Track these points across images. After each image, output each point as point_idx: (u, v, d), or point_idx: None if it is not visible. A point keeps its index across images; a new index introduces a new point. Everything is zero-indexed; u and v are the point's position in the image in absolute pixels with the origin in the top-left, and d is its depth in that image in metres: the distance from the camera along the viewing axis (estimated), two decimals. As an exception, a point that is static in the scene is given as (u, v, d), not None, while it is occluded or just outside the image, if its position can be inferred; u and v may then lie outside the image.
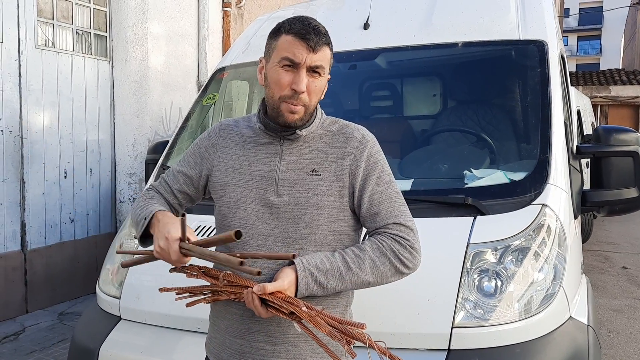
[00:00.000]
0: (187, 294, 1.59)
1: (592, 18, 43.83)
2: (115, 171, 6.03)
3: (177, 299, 1.61)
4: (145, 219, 1.55)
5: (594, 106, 16.34)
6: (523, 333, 1.96)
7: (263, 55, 1.58)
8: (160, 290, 1.63)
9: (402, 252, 1.47)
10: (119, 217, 6.02)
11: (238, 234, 1.31)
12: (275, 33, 1.52)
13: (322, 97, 1.58)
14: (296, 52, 1.45)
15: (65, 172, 5.46)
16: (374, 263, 1.45)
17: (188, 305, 1.60)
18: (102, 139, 5.89)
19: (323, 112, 1.63)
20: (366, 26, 3.20)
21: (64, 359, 4.07)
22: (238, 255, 1.39)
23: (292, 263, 1.44)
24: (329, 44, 1.51)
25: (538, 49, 2.78)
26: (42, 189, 5.22)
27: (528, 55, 2.81)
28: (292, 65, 1.46)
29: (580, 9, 44.19)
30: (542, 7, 3.00)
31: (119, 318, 2.46)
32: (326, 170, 1.52)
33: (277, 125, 1.53)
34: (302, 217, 1.49)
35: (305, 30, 1.45)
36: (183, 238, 1.44)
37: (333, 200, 1.51)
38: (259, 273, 1.32)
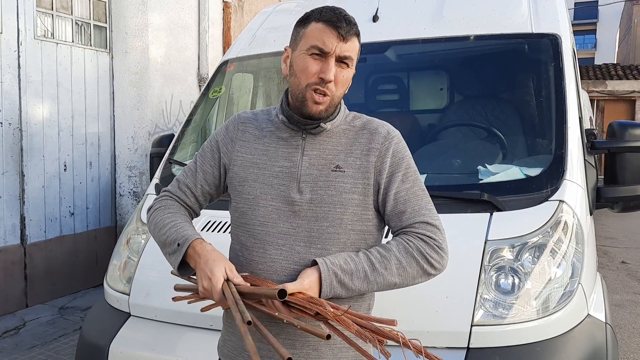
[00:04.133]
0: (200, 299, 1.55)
1: (587, 12, 43.80)
2: (115, 164, 5.97)
3: (189, 302, 1.57)
4: (178, 244, 1.47)
5: (590, 101, 16.34)
6: (543, 331, 1.94)
7: (288, 45, 1.53)
8: (174, 299, 1.59)
9: (430, 253, 1.43)
10: (119, 211, 5.97)
11: (282, 294, 1.27)
12: (304, 21, 1.47)
13: (347, 91, 1.53)
14: (326, 40, 1.40)
15: (65, 165, 5.40)
16: (400, 264, 1.41)
17: (203, 309, 1.56)
18: (101, 132, 5.82)
19: (346, 107, 1.59)
20: (375, 18, 3.15)
21: (66, 353, 4.03)
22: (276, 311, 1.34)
23: (315, 263, 1.40)
24: (358, 35, 1.46)
25: (551, 42, 2.75)
26: (41, 182, 5.15)
27: (541, 49, 2.78)
28: (321, 54, 1.41)
29: (575, 3, 44.15)
30: (554, 0, 2.96)
31: (129, 314, 2.42)
32: (350, 167, 1.47)
33: (301, 117, 1.48)
34: (325, 215, 1.44)
35: (337, 19, 1.40)
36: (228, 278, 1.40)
37: (357, 198, 1.46)
38: (328, 337, 1.26)
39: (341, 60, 1.43)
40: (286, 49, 1.53)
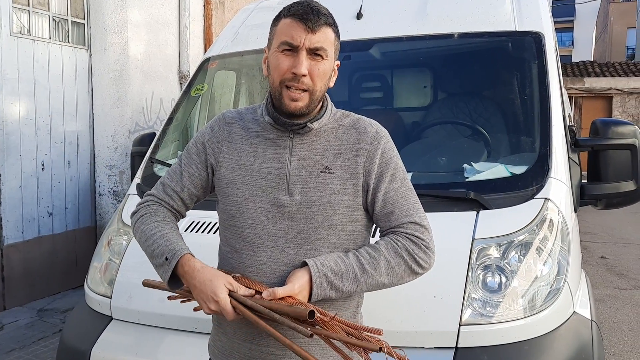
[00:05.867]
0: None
1: (564, 10, 44.33)
2: (94, 163, 5.86)
3: (182, 302, 1.53)
4: (166, 258, 1.42)
5: (569, 98, 16.56)
6: (530, 329, 1.94)
7: (266, 45, 1.51)
8: (170, 298, 1.55)
9: (418, 252, 1.43)
10: (99, 211, 5.87)
11: (311, 314, 1.24)
12: (276, 19, 1.46)
13: (331, 85, 1.51)
14: (294, 34, 1.38)
15: (43, 165, 5.29)
16: (389, 264, 1.41)
17: (196, 309, 1.53)
18: (80, 130, 5.71)
19: (333, 104, 1.56)
20: (359, 16, 3.13)
21: (45, 357, 3.95)
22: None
23: (304, 264, 1.38)
24: (330, 25, 1.43)
25: (535, 40, 2.76)
26: (18, 181, 5.04)
27: (525, 47, 2.79)
28: (292, 49, 1.40)
29: (553, 1, 44.67)
30: (537, -1, 2.97)
31: (110, 318, 2.37)
32: (340, 168, 1.46)
33: (286, 117, 1.45)
34: (315, 217, 1.43)
35: (303, 11, 1.38)
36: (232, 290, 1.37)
37: (347, 199, 1.45)
38: (311, 335, 1.25)
39: (314, 53, 1.40)
40: (265, 50, 1.52)
